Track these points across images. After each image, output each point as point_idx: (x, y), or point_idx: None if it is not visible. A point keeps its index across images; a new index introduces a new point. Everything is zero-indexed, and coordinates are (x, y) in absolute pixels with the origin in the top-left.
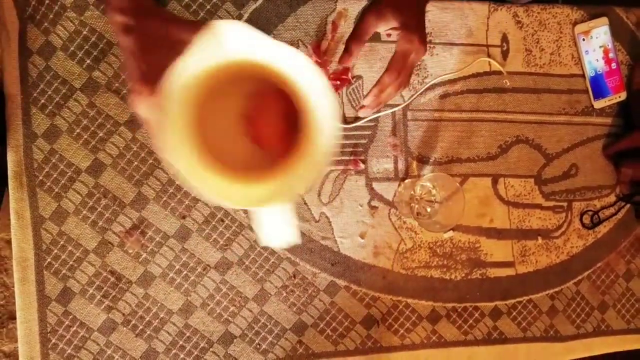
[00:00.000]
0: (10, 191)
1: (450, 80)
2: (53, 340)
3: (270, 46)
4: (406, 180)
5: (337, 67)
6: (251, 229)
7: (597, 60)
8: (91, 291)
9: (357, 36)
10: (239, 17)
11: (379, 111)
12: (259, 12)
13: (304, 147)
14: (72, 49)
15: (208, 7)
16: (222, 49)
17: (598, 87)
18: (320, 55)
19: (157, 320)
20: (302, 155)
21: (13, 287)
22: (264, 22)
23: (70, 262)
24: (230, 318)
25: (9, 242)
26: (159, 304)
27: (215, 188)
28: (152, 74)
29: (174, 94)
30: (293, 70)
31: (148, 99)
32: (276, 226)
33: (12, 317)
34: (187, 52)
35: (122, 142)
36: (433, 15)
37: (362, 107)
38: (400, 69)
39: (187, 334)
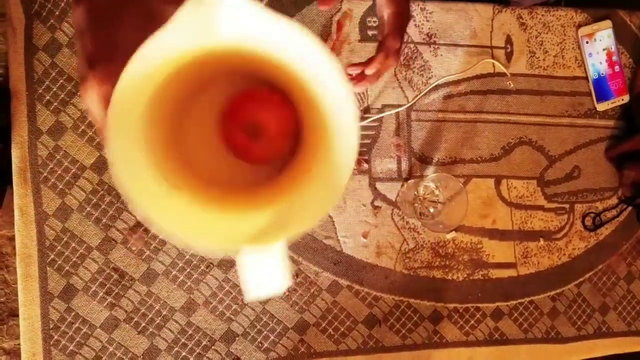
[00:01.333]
0: (15, 187)
1: (454, 81)
2: (55, 337)
3: (279, 29)
4: (409, 181)
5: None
6: None
7: (601, 62)
8: (94, 288)
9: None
10: None
11: (382, 111)
12: None
13: (318, 160)
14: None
15: None
16: (212, 27)
17: (601, 89)
18: None
19: (159, 318)
20: (314, 172)
21: (14, 284)
22: None
23: (74, 259)
24: (232, 316)
25: (10, 239)
26: (161, 302)
27: (189, 221)
28: (102, 55)
29: (132, 86)
30: (305, 63)
31: (96, 89)
32: (268, 272)
33: (13, 314)
34: (161, 29)
35: None
36: (437, 16)
37: (363, 79)
38: (400, 30)
39: (190, 332)
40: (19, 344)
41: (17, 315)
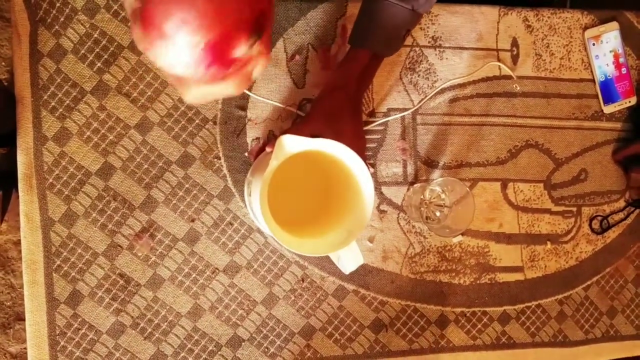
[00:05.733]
0: (20, 194)
1: (460, 84)
2: (62, 343)
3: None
4: (415, 185)
5: None
6: (260, 232)
7: (607, 64)
8: (100, 294)
9: None
10: None
11: (387, 115)
12: None
13: (353, 203)
14: (82, 51)
15: None
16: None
17: (608, 91)
18: (329, 59)
19: (165, 323)
20: (352, 209)
21: (20, 288)
22: (274, 26)
23: (80, 265)
24: (238, 321)
25: (15, 243)
26: (167, 307)
27: (290, 243)
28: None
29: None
30: (340, 154)
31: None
32: (349, 257)
33: (19, 318)
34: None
35: (132, 145)
36: (443, 19)
37: None
38: None
39: (196, 337)
40: (25, 348)
41: (24, 320)
